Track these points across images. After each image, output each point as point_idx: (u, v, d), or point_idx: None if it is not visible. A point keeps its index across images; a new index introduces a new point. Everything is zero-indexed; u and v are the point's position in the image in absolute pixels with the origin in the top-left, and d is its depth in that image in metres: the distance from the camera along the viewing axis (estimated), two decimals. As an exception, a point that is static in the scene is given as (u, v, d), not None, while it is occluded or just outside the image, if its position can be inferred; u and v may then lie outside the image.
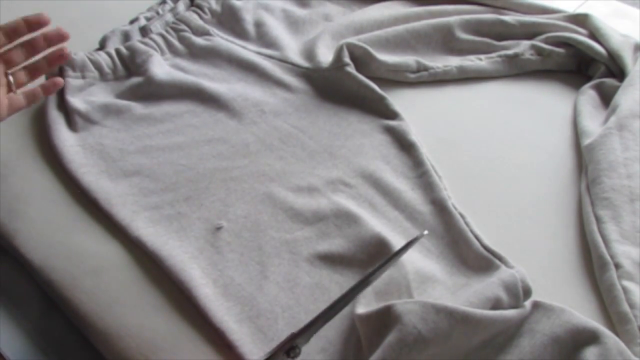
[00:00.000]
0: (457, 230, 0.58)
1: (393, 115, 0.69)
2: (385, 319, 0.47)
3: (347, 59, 0.72)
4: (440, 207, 0.60)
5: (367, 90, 0.71)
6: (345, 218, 0.59)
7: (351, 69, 0.72)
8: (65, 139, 0.68)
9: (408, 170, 0.64)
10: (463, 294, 0.52)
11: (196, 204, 0.62)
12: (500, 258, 0.55)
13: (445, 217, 0.59)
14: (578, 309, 0.50)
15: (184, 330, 0.53)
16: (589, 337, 0.48)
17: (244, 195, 0.63)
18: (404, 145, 0.66)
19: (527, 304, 0.50)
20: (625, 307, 0.52)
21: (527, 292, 0.51)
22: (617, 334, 0.50)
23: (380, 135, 0.67)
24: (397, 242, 0.55)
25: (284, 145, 0.67)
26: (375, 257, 0.55)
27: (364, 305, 0.50)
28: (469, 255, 0.56)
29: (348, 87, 0.72)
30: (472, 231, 0.57)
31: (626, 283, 0.53)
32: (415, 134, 0.67)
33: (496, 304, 0.49)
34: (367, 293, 0.51)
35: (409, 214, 0.60)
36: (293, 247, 0.58)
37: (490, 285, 0.51)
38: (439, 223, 0.59)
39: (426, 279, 0.54)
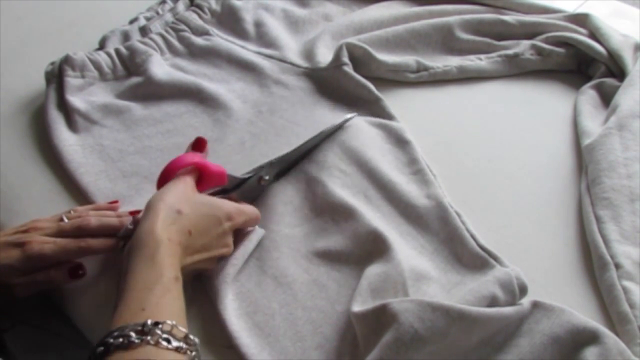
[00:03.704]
0: (452, 228, 0.58)
1: (389, 117, 0.69)
2: (381, 317, 0.47)
3: (345, 59, 0.72)
4: (435, 202, 0.60)
5: (364, 91, 0.71)
6: (342, 212, 0.59)
7: (349, 68, 0.72)
8: (65, 138, 0.68)
9: (402, 166, 0.64)
10: (458, 292, 0.51)
11: None
12: (495, 257, 0.55)
13: (441, 213, 0.59)
14: (578, 309, 0.50)
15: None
16: (589, 337, 0.48)
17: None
18: (400, 142, 0.66)
19: (527, 303, 0.50)
20: (625, 307, 0.51)
21: (523, 290, 0.51)
22: (617, 334, 0.49)
23: (375, 129, 0.67)
24: (393, 239, 0.55)
25: (278, 138, 0.67)
26: (372, 253, 0.55)
27: (360, 303, 0.50)
28: (463, 253, 0.56)
29: (345, 86, 0.72)
30: (467, 229, 0.57)
31: (626, 283, 0.53)
32: (410, 134, 0.66)
33: (492, 302, 0.49)
34: (363, 291, 0.51)
35: (402, 209, 0.60)
36: (292, 242, 0.58)
37: (486, 283, 0.51)
38: (434, 219, 0.59)
39: (421, 277, 0.53)
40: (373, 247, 0.55)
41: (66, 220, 0.56)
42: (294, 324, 0.52)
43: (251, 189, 0.60)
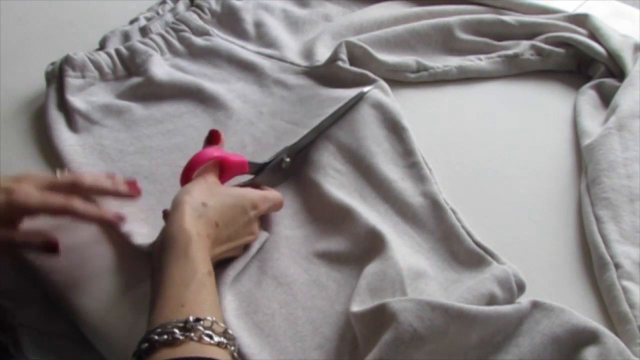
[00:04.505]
0: (448, 226, 0.58)
1: (386, 93, 0.69)
2: (380, 317, 0.47)
3: (342, 55, 0.72)
4: (431, 200, 0.60)
5: (363, 77, 0.71)
6: (339, 213, 0.59)
7: (345, 64, 0.72)
8: (65, 139, 0.68)
9: (398, 157, 0.64)
10: (456, 291, 0.51)
11: None
12: (491, 254, 0.55)
13: (436, 211, 0.59)
14: (578, 309, 0.50)
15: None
16: (589, 337, 0.48)
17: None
18: (396, 128, 0.65)
19: (526, 303, 0.50)
20: (625, 307, 0.52)
21: (521, 287, 0.51)
22: (617, 334, 0.49)
23: (371, 110, 0.67)
24: (390, 237, 0.55)
25: (279, 142, 0.67)
26: (370, 252, 0.55)
27: (359, 303, 0.50)
28: (459, 251, 0.56)
29: (343, 78, 0.72)
30: (463, 227, 0.57)
31: (626, 283, 0.53)
32: (407, 120, 0.66)
33: (491, 300, 0.49)
34: (362, 290, 0.51)
35: (398, 207, 0.60)
36: (292, 243, 0.58)
37: (484, 281, 0.51)
38: (430, 217, 0.59)
39: (418, 276, 0.53)
40: (371, 246, 0.55)
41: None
42: (294, 324, 0.52)
43: (273, 173, 0.61)
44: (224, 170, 0.56)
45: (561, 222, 0.61)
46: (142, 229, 0.60)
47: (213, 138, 0.57)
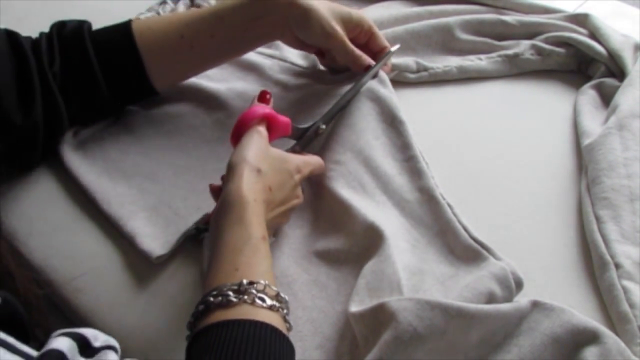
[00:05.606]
0: (445, 220, 0.58)
1: (384, 85, 0.69)
2: (379, 316, 0.48)
3: None
4: (428, 196, 0.60)
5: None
6: (339, 209, 0.59)
7: None
8: (66, 139, 0.68)
9: (396, 151, 0.63)
10: (455, 288, 0.52)
11: (193, 206, 0.61)
12: (488, 249, 0.55)
13: (433, 206, 0.59)
14: (578, 309, 0.50)
15: (184, 330, 0.53)
16: (589, 337, 0.48)
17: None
18: (394, 121, 0.65)
19: (527, 303, 0.50)
20: (625, 307, 0.52)
21: (519, 285, 0.52)
22: (617, 334, 0.50)
23: (370, 103, 0.66)
24: (389, 233, 0.55)
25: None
26: (369, 249, 0.55)
27: (358, 303, 0.50)
28: (456, 246, 0.56)
29: (343, 79, 0.72)
30: (460, 222, 0.57)
31: (626, 283, 0.53)
32: (404, 113, 0.66)
33: (490, 298, 0.50)
34: (361, 290, 0.51)
35: (396, 201, 0.60)
36: (292, 242, 0.59)
37: (482, 279, 0.51)
38: (427, 212, 0.59)
39: (415, 272, 0.54)
40: (370, 243, 0.55)
41: None
42: (294, 324, 0.52)
43: (310, 139, 0.64)
44: (271, 129, 0.57)
45: (561, 222, 0.61)
46: (146, 229, 0.60)
47: (262, 97, 0.59)
